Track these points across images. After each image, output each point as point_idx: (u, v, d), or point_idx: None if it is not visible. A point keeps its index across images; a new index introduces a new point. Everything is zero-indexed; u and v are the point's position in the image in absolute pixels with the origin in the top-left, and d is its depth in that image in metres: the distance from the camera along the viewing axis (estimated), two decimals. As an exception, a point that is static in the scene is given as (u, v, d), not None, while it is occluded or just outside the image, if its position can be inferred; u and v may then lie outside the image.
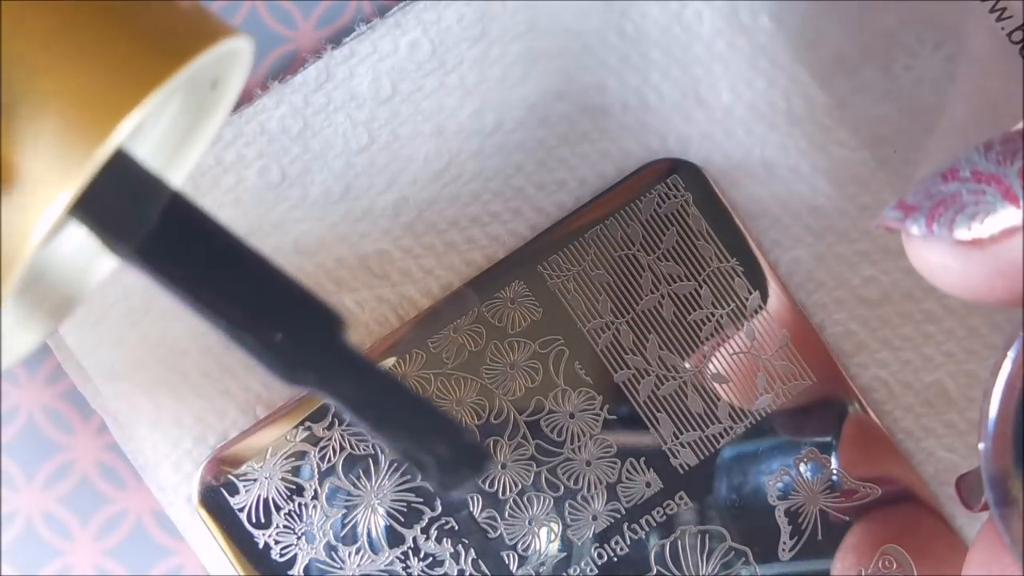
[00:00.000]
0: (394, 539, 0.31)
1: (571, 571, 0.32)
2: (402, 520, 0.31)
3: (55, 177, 0.18)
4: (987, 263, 0.22)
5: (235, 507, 0.31)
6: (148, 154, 0.23)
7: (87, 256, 0.24)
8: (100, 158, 0.18)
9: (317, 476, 0.31)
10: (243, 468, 0.31)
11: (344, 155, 0.32)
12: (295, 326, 0.21)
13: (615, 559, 0.32)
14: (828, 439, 0.32)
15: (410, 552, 0.31)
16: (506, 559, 0.31)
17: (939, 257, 0.23)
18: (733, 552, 0.32)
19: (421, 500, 0.31)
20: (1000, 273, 0.22)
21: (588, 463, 0.32)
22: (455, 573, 0.31)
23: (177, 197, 0.21)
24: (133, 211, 0.20)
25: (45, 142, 0.18)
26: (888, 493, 0.32)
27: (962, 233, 0.22)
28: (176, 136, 0.24)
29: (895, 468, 0.32)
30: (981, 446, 0.23)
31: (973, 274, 0.22)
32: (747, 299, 0.32)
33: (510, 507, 0.31)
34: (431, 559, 0.31)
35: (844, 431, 0.32)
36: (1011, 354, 0.23)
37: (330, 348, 0.21)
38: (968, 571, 0.25)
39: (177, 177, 0.24)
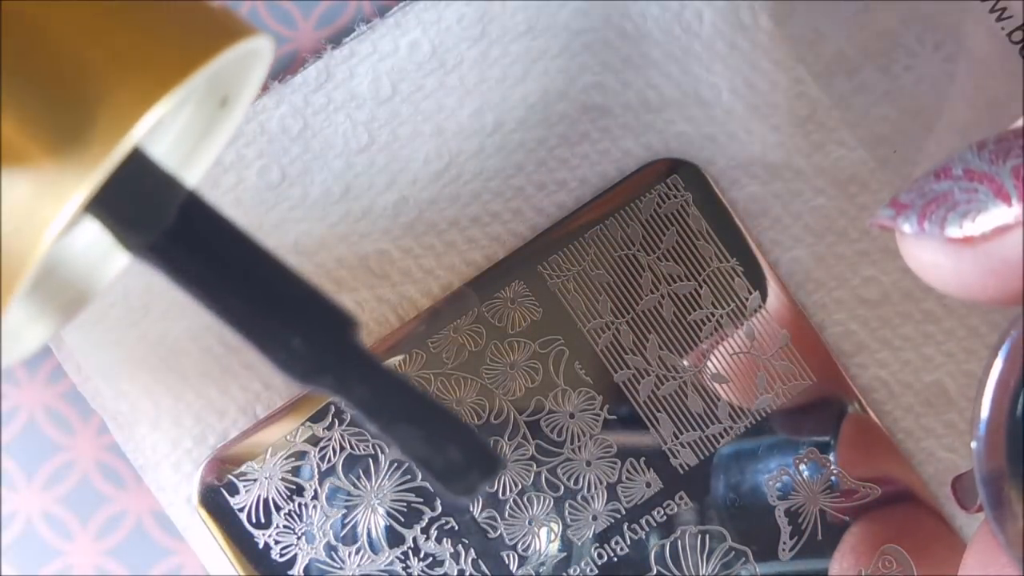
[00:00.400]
0: (394, 539, 0.31)
1: (571, 571, 0.32)
2: (402, 520, 0.31)
3: (73, 172, 0.18)
4: (979, 262, 0.22)
5: (235, 507, 0.31)
6: (161, 156, 0.23)
7: (99, 252, 0.24)
8: (119, 155, 0.18)
9: (317, 476, 0.31)
10: (243, 468, 0.31)
11: (344, 155, 0.32)
12: (310, 327, 0.21)
13: (615, 559, 0.32)
14: (828, 439, 0.32)
15: (410, 552, 0.31)
16: (506, 559, 0.31)
17: (932, 255, 0.23)
18: (733, 552, 0.32)
19: (421, 500, 0.31)
20: (993, 272, 0.22)
21: (588, 463, 0.32)
22: (455, 573, 0.31)
23: (193, 196, 0.21)
24: (149, 208, 0.20)
25: (64, 137, 0.18)
26: (888, 493, 0.32)
27: (953, 231, 0.22)
28: (188, 141, 0.24)
29: (895, 468, 0.32)
30: (973, 445, 0.23)
31: (966, 272, 0.22)
32: (747, 299, 0.32)
33: (510, 507, 0.31)
34: (431, 559, 0.31)
35: (844, 431, 0.32)
36: (1002, 352, 0.22)
37: (344, 350, 0.21)
38: (965, 571, 0.25)
39: (190, 179, 0.24)
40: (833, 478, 0.32)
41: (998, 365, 0.22)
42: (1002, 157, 0.22)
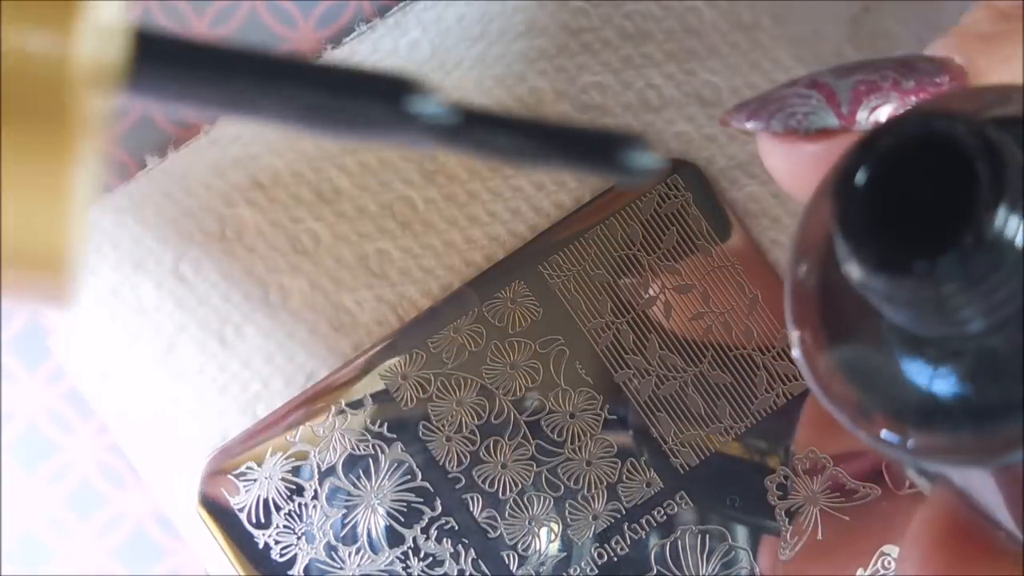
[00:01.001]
0: (394, 539, 0.31)
1: (571, 571, 0.32)
2: (402, 520, 0.31)
3: None
4: (804, 160, 0.23)
5: (235, 507, 0.31)
6: None
7: None
8: None
9: (317, 476, 0.31)
10: (243, 468, 0.31)
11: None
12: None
13: (615, 559, 0.32)
14: (828, 439, 0.32)
15: (410, 552, 0.31)
16: (506, 559, 0.31)
17: (771, 150, 0.24)
18: (733, 552, 0.32)
19: (421, 500, 0.31)
20: (816, 173, 0.23)
21: (588, 463, 0.32)
22: (455, 573, 0.31)
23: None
24: None
25: None
26: (888, 492, 0.32)
27: (775, 126, 0.23)
28: None
29: (896, 467, 0.32)
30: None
31: (794, 169, 0.23)
32: (747, 299, 0.32)
33: (510, 507, 0.31)
34: (431, 559, 0.31)
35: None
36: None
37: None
38: (901, 570, 0.25)
39: None
40: (831, 482, 0.32)
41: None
42: (847, 75, 0.23)
